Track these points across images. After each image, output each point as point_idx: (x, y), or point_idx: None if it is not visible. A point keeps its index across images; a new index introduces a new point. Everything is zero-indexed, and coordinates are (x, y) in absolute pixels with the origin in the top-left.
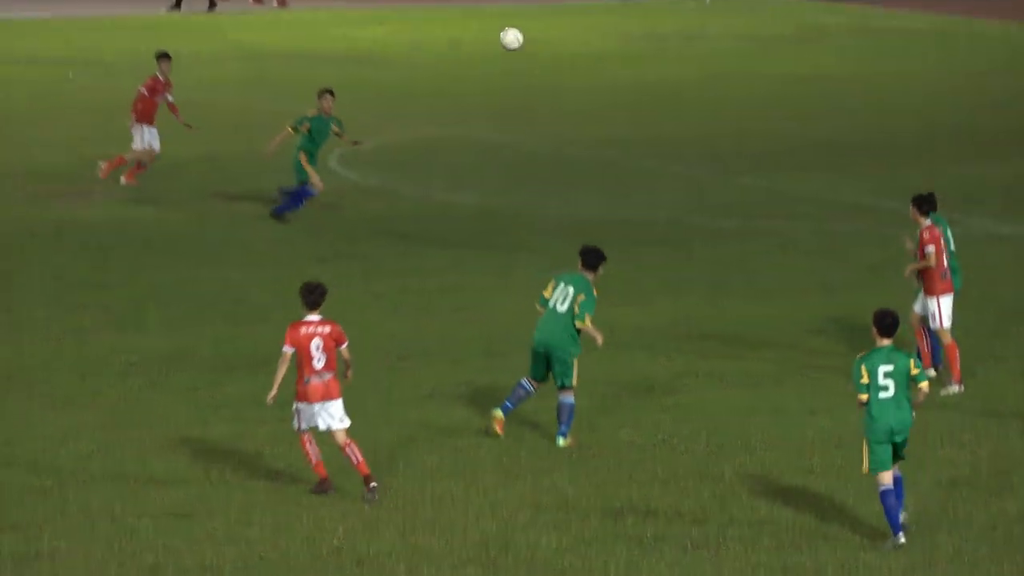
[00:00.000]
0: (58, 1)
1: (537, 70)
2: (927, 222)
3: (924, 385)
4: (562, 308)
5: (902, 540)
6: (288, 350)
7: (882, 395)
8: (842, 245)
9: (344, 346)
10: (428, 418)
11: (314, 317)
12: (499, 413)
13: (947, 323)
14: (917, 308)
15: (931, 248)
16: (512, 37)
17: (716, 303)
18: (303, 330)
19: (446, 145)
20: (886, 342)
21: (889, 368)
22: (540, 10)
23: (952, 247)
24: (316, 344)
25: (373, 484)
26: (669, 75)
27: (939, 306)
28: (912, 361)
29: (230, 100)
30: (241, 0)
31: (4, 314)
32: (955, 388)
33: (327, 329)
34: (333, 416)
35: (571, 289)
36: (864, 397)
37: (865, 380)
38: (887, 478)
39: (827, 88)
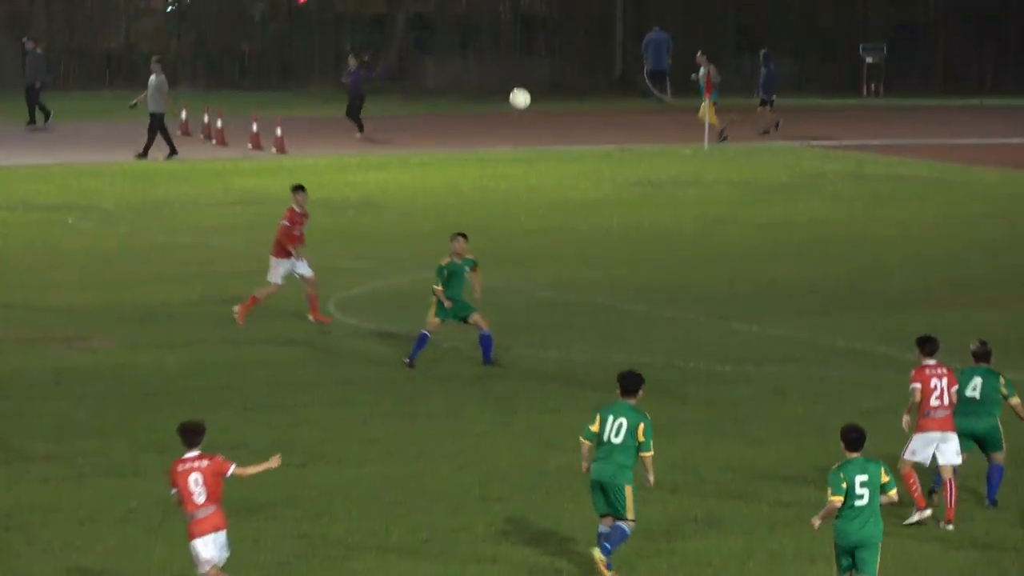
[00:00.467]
0: (57, 147)
1: (533, 216)
2: (924, 362)
3: (892, 493)
4: (617, 440)
5: None
6: (173, 491)
7: (857, 503)
8: (836, 391)
9: (230, 472)
10: (423, 571)
11: (192, 453)
12: (599, 554)
13: (909, 455)
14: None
15: (914, 386)
16: (522, 99)
17: (710, 447)
18: (179, 468)
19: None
20: (855, 455)
21: (864, 478)
22: (535, 156)
23: (976, 393)
24: (195, 479)
25: None
26: (663, 221)
27: (912, 439)
28: (883, 469)
29: (234, 245)
30: (240, 146)
31: (2, 460)
32: (921, 515)
33: (204, 463)
34: (221, 546)
35: (624, 420)
36: (838, 500)
37: (844, 485)
38: None
39: (821, 234)
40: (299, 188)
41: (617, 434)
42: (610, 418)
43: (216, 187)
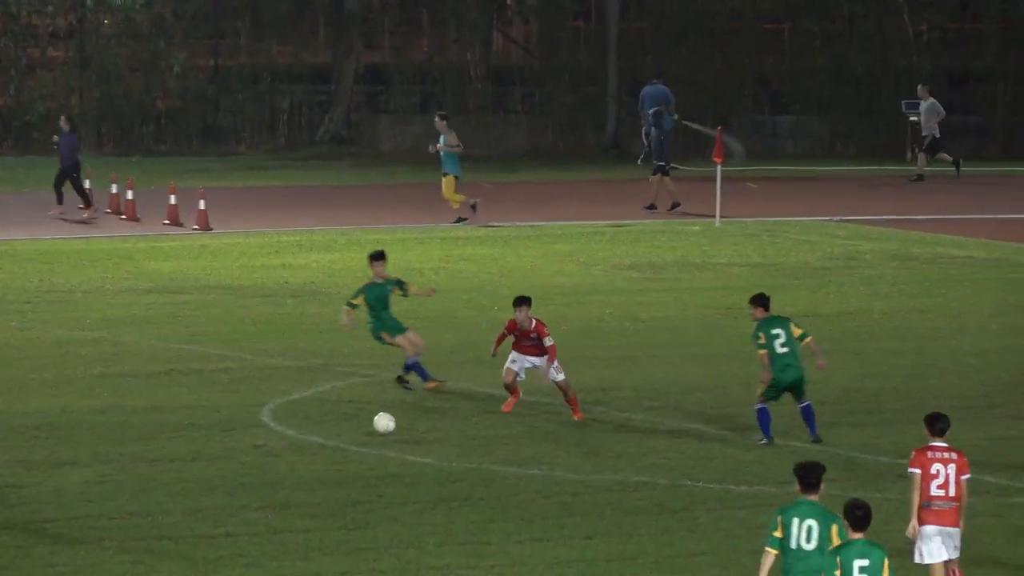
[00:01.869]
0: None
1: (508, 306)
2: (932, 443)
3: None
4: (810, 546)
5: None
6: None
7: None
8: (878, 519)
9: None
10: None
11: None
12: None
13: (921, 558)
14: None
15: (912, 471)
16: (384, 423)
17: None
18: None
19: (399, 392)
20: (858, 535)
21: (865, 563)
22: (511, 235)
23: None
24: None
25: None
26: (666, 312)
27: (919, 538)
28: (887, 562)
29: (147, 340)
30: (155, 222)
31: None
32: None
33: None
34: None
35: (812, 522)
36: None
37: (838, 573)
38: None
39: (857, 327)
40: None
41: (808, 540)
42: (795, 520)
43: (126, 271)
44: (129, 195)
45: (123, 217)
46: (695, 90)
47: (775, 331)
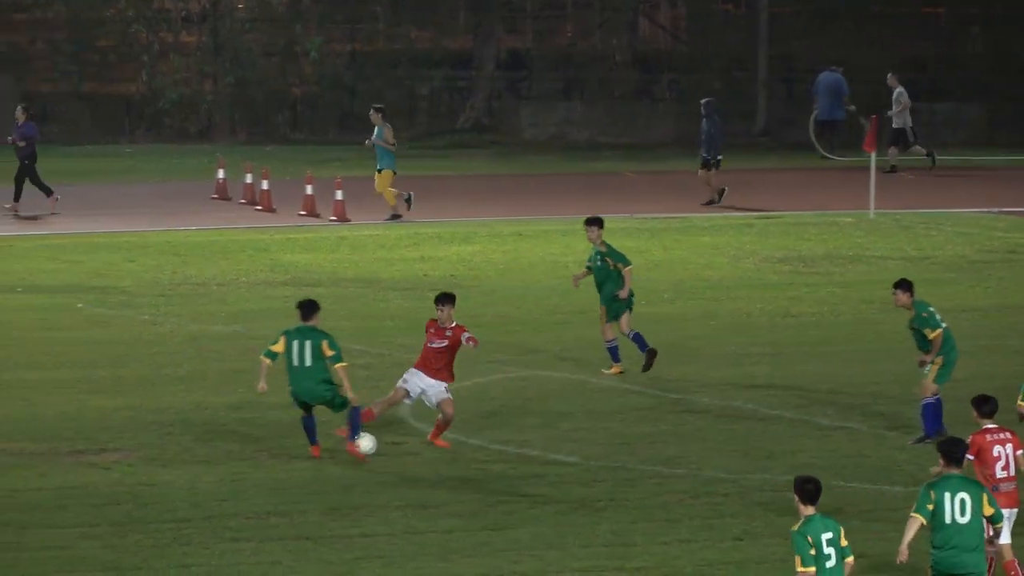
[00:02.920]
0: (64, 215)
1: (655, 299)
2: (984, 425)
3: (850, 560)
4: (964, 519)
5: None
6: None
7: (828, 564)
8: None
9: None
10: None
11: None
12: None
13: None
14: None
15: (971, 458)
16: (366, 444)
17: None
18: None
19: (543, 389)
20: (811, 510)
21: (829, 535)
22: (658, 227)
23: None
24: None
25: None
26: (817, 306)
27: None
28: (842, 530)
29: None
30: (291, 213)
31: None
32: None
33: None
34: None
35: (965, 495)
36: (811, 570)
37: (813, 552)
38: None
39: (1014, 323)
40: (445, 299)
41: (963, 513)
42: (946, 496)
43: (261, 264)
44: (264, 185)
45: (258, 208)
46: (847, 76)
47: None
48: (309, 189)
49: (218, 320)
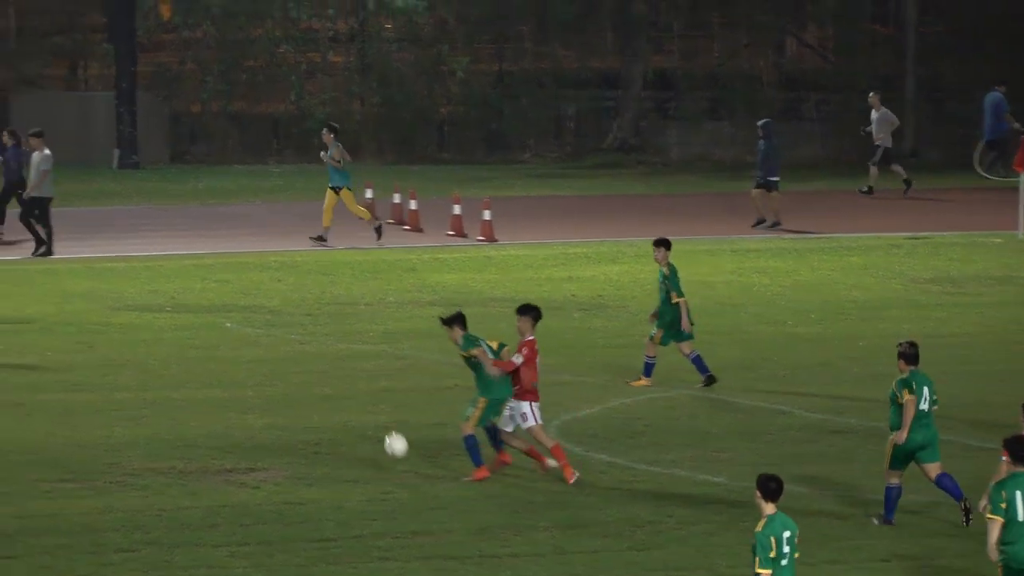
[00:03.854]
0: (213, 235)
1: (802, 320)
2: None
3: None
4: None
5: None
6: None
7: (783, 563)
8: None
9: None
10: None
11: None
12: None
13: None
14: None
15: None
16: (399, 446)
17: None
18: None
19: (691, 409)
20: (772, 509)
21: (788, 534)
22: (805, 247)
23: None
24: None
25: None
26: (966, 328)
27: None
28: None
29: (430, 354)
30: (438, 233)
31: None
32: None
33: None
34: None
35: None
36: (768, 572)
37: (773, 553)
38: None
39: None
40: (528, 310)
41: None
42: (1017, 495)
43: (408, 283)
44: (412, 205)
45: (406, 228)
46: (1007, 94)
47: None
48: (456, 209)
49: (366, 340)
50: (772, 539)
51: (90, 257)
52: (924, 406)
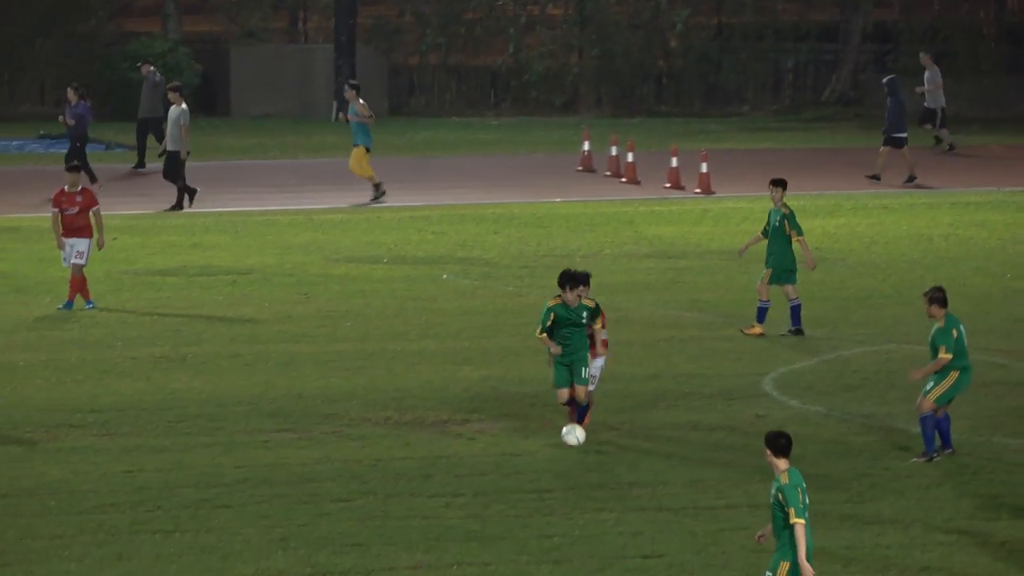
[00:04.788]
0: (430, 187)
1: (1022, 275)
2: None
3: None
4: None
5: None
6: None
7: (807, 515)
8: None
9: None
10: None
11: None
12: None
13: None
14: None
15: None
16: (575, 436)
17: None
18: None
19: (908, 362)
20: (785, 464)
21: (804, 485)
22: None
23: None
24: None
25: None
26: None
27: None
28: None
29: (645, 308)
30: (655, 185)
31: (363, 570)
32: None
33: None
34: None
35: None
36: (802, 521)
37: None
38: None
39: None
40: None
41: None
42: None
43: (625, 236)
44: (629, 157)
45: (623, 180)
46: None
47: None
48: (674, 161)
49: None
50: (799, 490)
51: (310, 209)
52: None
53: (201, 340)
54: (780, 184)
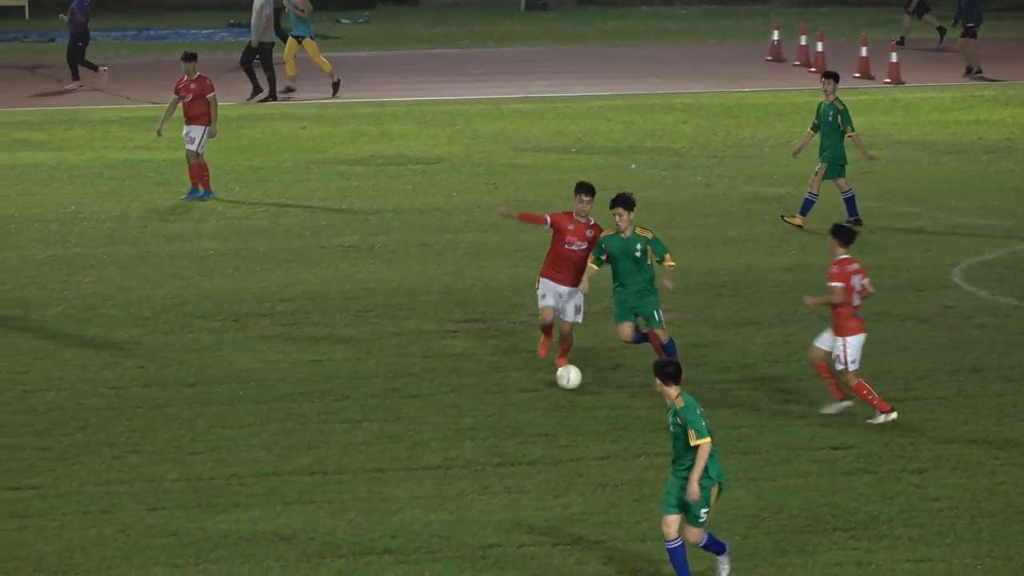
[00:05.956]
0: (620, 76)
1: None
2: (841, 255)
3: None
4: None
5: None
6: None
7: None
8: None
9: None
10: None
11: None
12: None
13: (852, 367)
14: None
15: (837, 284)
16: (572, 378)
17: None
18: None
19: None
20: (677, 390)
21: (702, 408)
22: None
23: None
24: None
25: None
26: None
27: (845, 347)
28: None
29: (833, 197)
30: (844, 76)
31: (552, 460)
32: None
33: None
34: None
35: None
36: (708, 440)
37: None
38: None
39: None
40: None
41: None
42: None
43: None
44: (819, 47)
45: (812, 70)
46: None
47: None
48: (864, 51)
49: (770, 182)
50: (697, 411)
51: (498, 98)
52: None
53: (389, 230)
54: (832, 77)
